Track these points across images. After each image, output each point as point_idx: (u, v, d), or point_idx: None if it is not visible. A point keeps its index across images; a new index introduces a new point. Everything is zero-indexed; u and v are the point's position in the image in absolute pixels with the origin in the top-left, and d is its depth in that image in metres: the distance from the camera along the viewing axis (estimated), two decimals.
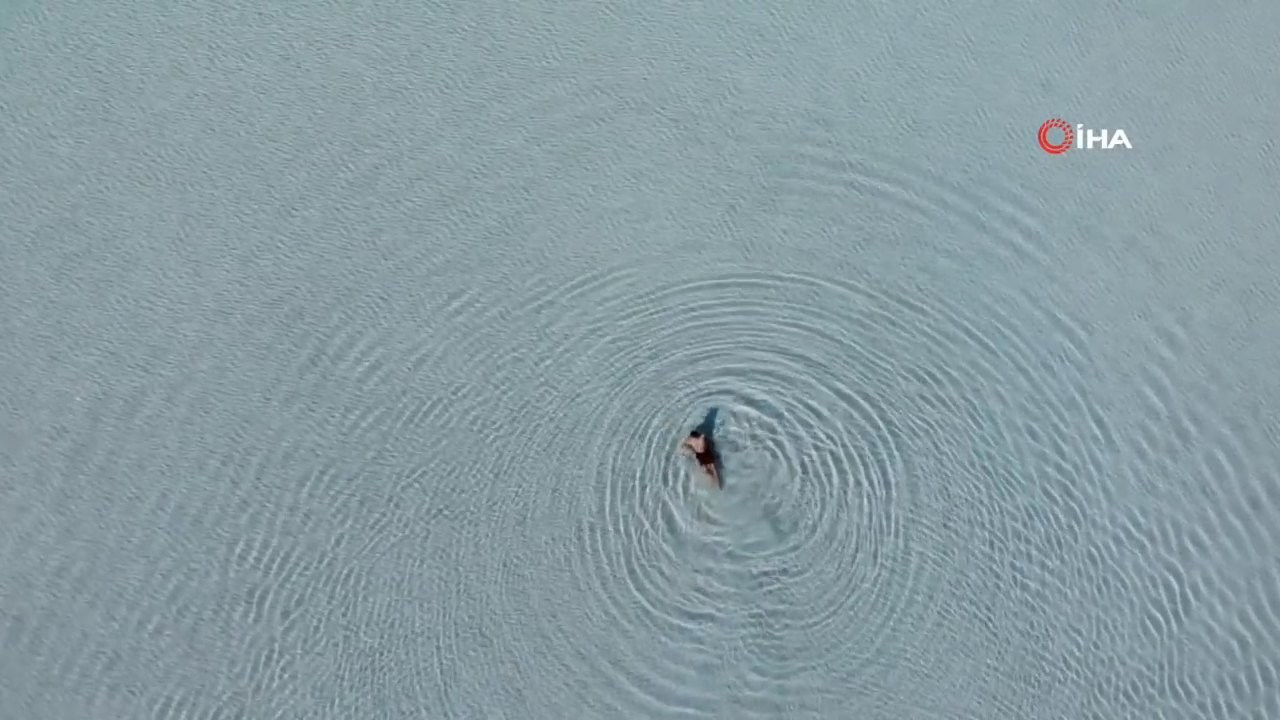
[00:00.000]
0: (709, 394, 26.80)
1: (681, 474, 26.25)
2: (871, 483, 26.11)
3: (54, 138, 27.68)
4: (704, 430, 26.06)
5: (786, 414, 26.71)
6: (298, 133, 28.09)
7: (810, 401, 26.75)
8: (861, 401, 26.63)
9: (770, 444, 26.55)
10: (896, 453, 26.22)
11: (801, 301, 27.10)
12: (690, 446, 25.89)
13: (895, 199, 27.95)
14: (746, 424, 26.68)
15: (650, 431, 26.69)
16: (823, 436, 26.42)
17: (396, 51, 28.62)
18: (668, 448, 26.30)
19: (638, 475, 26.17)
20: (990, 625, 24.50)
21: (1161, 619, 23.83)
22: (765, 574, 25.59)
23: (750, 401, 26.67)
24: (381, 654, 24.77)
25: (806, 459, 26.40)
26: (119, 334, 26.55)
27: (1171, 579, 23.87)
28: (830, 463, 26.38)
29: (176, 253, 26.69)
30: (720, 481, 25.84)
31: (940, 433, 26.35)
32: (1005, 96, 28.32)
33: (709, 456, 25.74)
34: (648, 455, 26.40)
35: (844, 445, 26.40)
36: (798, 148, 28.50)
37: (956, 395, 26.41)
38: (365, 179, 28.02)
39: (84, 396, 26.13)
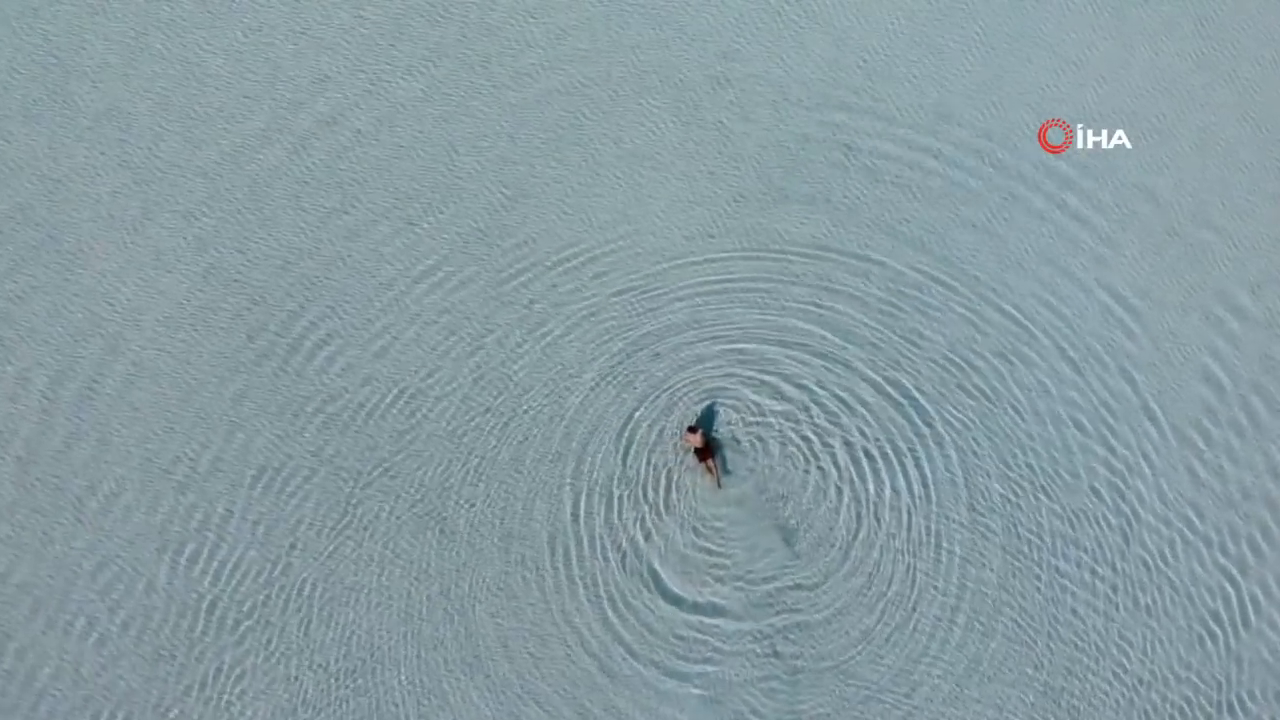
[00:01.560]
0: (713, 377, 24.98)
1: (675, 477, 24.44)
2: (900, 483, 24.24)
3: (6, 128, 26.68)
4: (702, 425, 24.39)
5: (803, 405, 24.81)
6: (263, 113, 26.74)
7: (831, 391, 24.88)
8: (891, 391, 24.79)
9: (780, 440, 24.59)
10: (934, 446, 24.43)
11: (820, 282, 25.39)
12: (688, 442, 24.12)
13: (929, 170, 26.34)
14: (756, 418, 24.78)
15: (649, 429, 24.79)
16: (844, 432, 24.63)
17: (370, 35, 27.32)
18: (662, 445, 24.54)
19: (629, 479, 24.39)
20: (1031, 640, 23.11)
21: (1219, 631, 23.14)
22: (776, 586, 23.71)
23: (760, 390, 24.87)
24: (344, 671, 23.35)
25: (824, 457, 24.51)
26: (72, 326, 25.17)
27: (1229, 587, 23.30)
28: (851, 462, 24.48)
29: (134, 241, 25.69)
30: (719, 480, 24.14)
31: (977, 427, 24.49)
32: (1030, 75, 26.84)
33: (708, 452, 24.01)
34: (636, 457, 24.58)
35: (867, 441, 24.52)
36: (813, 128, 26.62)
37: (996, 385, 24.66)
38: (335, 156, 26.45)
39: (36, 389, 24.83)
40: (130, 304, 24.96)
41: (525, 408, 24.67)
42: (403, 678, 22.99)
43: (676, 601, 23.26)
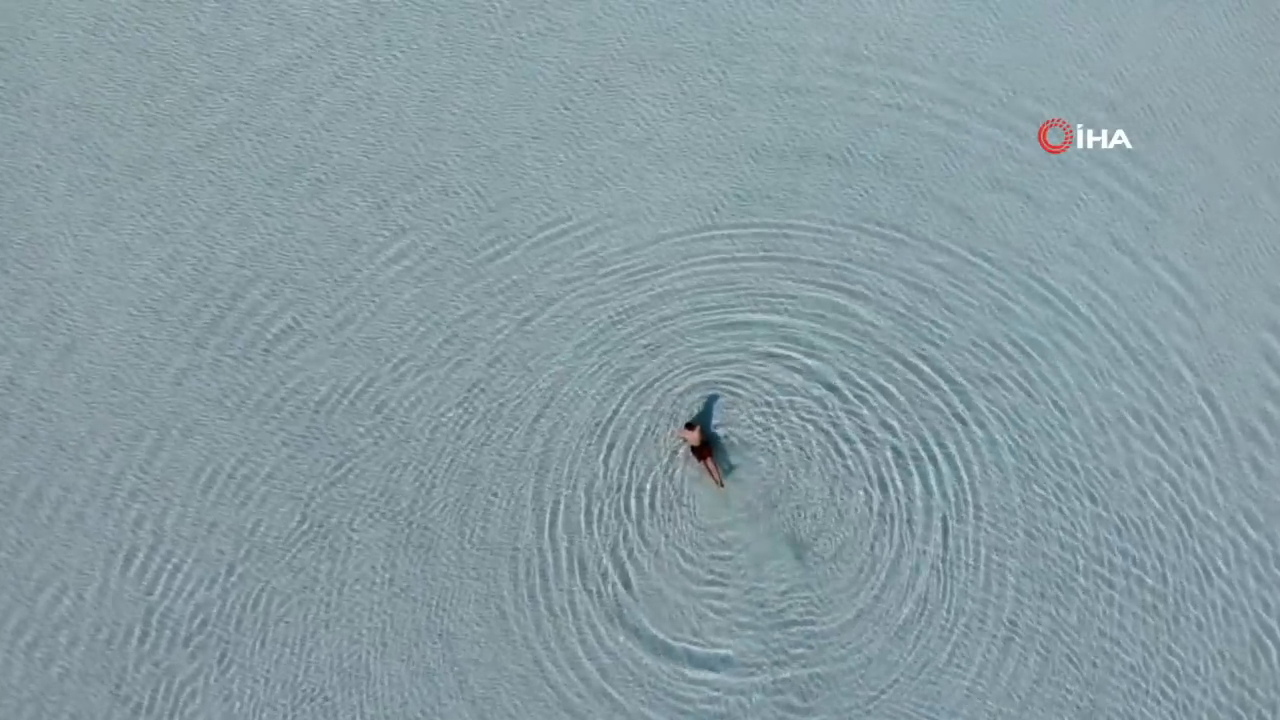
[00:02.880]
0: (714, 365, 22.97)
1: (671, 478, 22.55)
2: (931, 485, 22.32)
3: None
4: (700, 421, 22.62)
5: (819, 397, 22.77)
6: (229, 93, 24.91)
7: (852, 380, 22.87)
8: (919, 381, 22.82)
9: (792, 437, 22.60)
10: (967, 442, 22.49)
11: (841, 258, 23.38)
12: (685, 439, 22.41)
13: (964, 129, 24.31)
14: (764, 411, 22.79)
15: (644, 427, 22.86)
16: (865, 426, 22.66)
17: (345, 19, 25.53)
18: (659, 444, 22.71)
19: (616, 483, 22.51)
20: (1074, 657, 21.42)
21: (1273, 646, 21.57)
22: (788, 602, 21.89)
23: (770, 378, 22.93)
24: (306, 692, 21.60)
25: (841, 456, 22.54)
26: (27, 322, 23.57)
27: None
28: (875, 462, 22.50)
29: (88, 223, 24.05)
30: (720, 480, 22.39)
31: (1014, 421, 22.52)
32: (1065, 42, 24.89)
33: (707, 450, 22.28)
34: (627, 457, 22.65)
35: (898, 439, 22.58)
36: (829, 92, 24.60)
37: (1033, 371, 22.75)
38: (316, 135, 24.63)
39: None
40: (89, 300, 23.47)
41: (504, 402, 22.90)
42: (370, 696, 21.43)
43: (669, 654, 21.64)
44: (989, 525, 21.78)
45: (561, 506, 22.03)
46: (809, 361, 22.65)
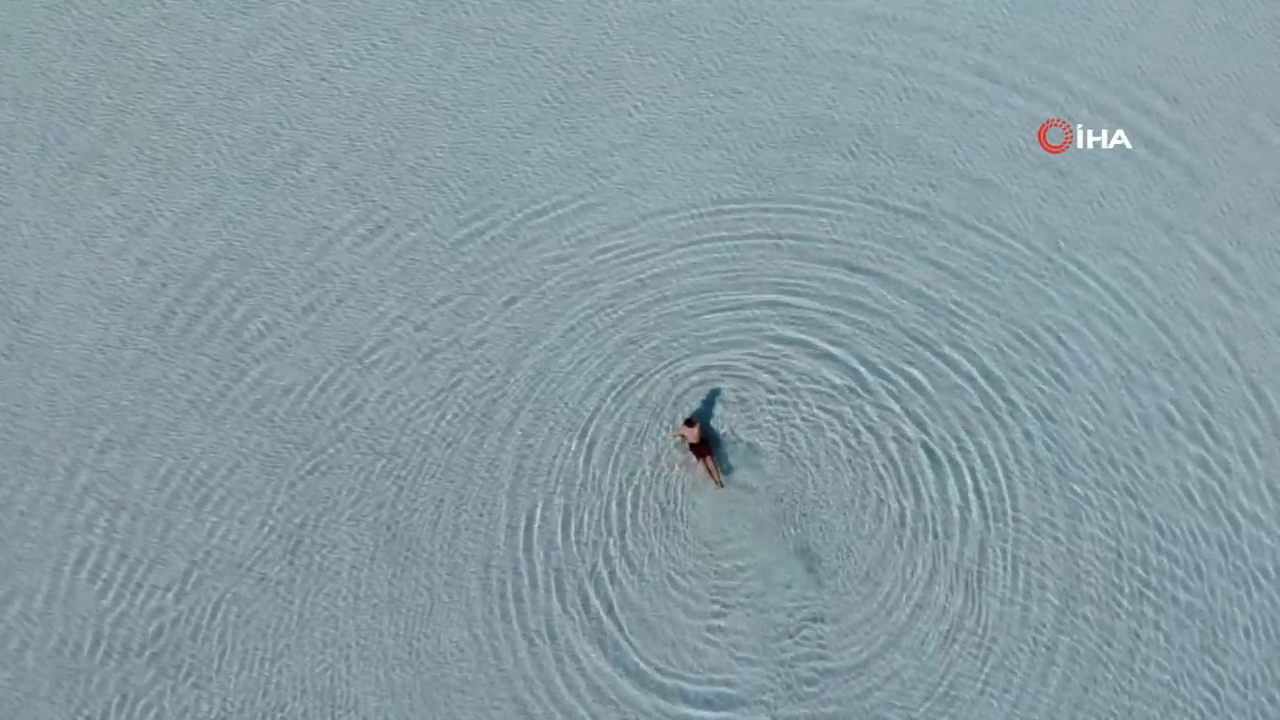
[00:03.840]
0: (718, 349, 21.71)
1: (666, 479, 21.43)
2: (962, 488, 21.09)
3: None
4: (699, 418, 21.57)
5: (844, 388, 21.63)
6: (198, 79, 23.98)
7: (874, 368, 21.73)
8: (948, 369, 21.66)
9: (804, 433, 21.36)
10: (999, 435, 21.37)
11: (858, 236, 22.22)
12: (683, 437, 21.39)
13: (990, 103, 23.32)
14: (775, 403, 21.57)
15: (639, 423, 21.66)
16: (886, 420, 21.45)
17: None
18: (659, 442, 21.55)
19: (606, 486, 21.31)
20: (1113, 663, 20.17)
21: None
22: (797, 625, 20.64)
23: (783, 369, 21.70)
24: (268, 708, 20.26)
25: (862, 454, 21.32)
26: None
27: None
28: (900, 461, 21.27)
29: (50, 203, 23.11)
30: (720, 480, 21.30)
31: (1048, 413, 21.35)
32: (1102, 17, 24.02)
33: (706, 448, 21.26)
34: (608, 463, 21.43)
35: (928, 437, 21.41)
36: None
37: (1070, 362, 21.55)
38: (283, 108, 23.58)
39: None
40: (37, 286, 22.39)
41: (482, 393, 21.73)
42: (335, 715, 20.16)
43: (660, 689, 20.29)
44: (1029, 532, 20.68)
45: (539, 515, 20.88)
46: (828, 347, 21.57)
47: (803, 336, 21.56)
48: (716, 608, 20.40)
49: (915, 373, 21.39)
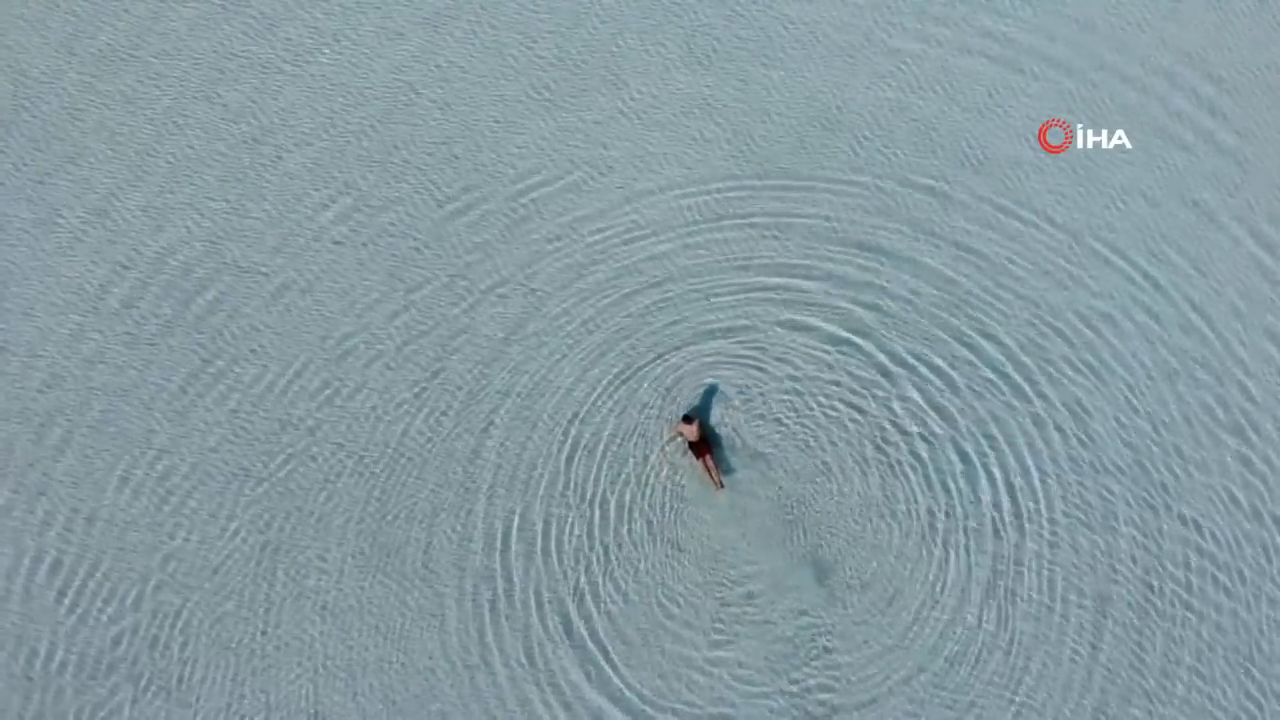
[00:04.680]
0: (723, 335, 20.95)
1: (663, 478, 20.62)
2: (986, 489, 20.38)
3: None
4: (699, 414, 20.86)
5: (863, 382, 20.84)
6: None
7: (894, 354, 20.93)
8: (972, 358, 20.91)
9: (814, 431, 20.59)
10: (1032, 431, 20.62)
11: (877, 214, 21.48)
12: (682, 434, 20.68)
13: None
14: (779, 400, 20.72)
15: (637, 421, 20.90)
16: (903, 416, 20.64)
17: None
18: (658, 440, 20.75)
19: (599, 491, 20.43)
20: (1153, 689, 19.41)
21: None
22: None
23: (792, 358, 20.88)
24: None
25: (871, 455, 20.53)
26: None
27: None
28: (911, 460, 20.50)
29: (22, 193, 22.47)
30: (719, 480, 20.53)
31: (1081, 410, 20.62)
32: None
33: (706, 446, 20.58)
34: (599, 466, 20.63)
35: (952, 428, 20.67)
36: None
37: (1104, 354, 20.85)
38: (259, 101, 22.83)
39: None
40: None
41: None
42: None
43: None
44: (1065, 535, 19.96)
45: (516, 522, 20.06)
46: (841, 331, 20.87)
47: (812, 321, 20.87)
48: (717, 635, 19.59)
49: (940, 362, 20.70)
